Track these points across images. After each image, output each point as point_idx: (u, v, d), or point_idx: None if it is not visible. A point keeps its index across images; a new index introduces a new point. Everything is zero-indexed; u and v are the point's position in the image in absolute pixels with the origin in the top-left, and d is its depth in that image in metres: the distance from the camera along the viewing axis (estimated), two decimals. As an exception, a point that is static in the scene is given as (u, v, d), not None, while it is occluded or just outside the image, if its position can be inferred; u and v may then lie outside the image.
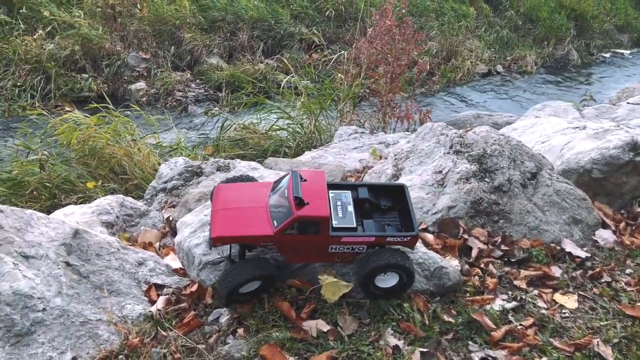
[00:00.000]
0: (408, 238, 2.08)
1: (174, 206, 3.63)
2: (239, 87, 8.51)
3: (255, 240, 2.06)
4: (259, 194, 2.17)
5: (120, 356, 1.89)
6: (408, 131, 6.04)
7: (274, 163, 4.33)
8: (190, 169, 3.94)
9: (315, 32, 10.28)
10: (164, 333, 1.99)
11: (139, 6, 9.50)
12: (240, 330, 2.00)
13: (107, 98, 6.27)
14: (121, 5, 9.37)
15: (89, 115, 5.43)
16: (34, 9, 8.89)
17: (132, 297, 2.16)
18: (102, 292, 2.10)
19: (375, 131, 6.05)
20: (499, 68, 11.48)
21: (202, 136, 6.56)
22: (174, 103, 8.71)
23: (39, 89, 8.22)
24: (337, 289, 2.12)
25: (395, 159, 3.39)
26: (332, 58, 9.05)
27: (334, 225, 2.05)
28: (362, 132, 5.60)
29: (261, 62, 9.66)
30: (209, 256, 2.21)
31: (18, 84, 8.22)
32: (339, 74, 7.24)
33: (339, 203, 2.15)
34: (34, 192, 4.82)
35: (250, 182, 2.41)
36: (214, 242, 2.03)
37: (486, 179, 2.88)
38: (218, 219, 2.07)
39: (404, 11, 6.73)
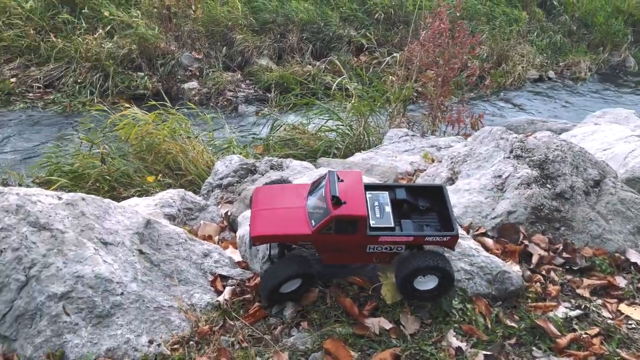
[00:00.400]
0: (448, 238, 2.05)
1: (230, 202, 3.72)
2: (287, 88, 8.62)
3: (293, 239, 2.09)
4: (297, 195, 2.20)
5: (191, 342, 1.97)
6: (459, 135, 5.98)
7: (326, 163, 4.38)
8: (245, 166, 4.04)
9: (367, 34, 10.30)
10: (231, 322, 2.06)
11: (193, 7, 9.77)
12: (304, 324, 2.05)
13: (164, 96, 6.48)
14: (176, 6, 9.66)
15: (146, 112, 5.63)
16: (95, 9, 9.28)
17: (200, 286, 2.24)
18: (171, 281, 2.19)
19: (425, 134, 6.02)
20: (551, 74, 11.17)
21: (252, 135, 6.69)
22: (225, 103, 8.90)
23: (98, 85, 8.57)
24: (398, 293, 2.14)
25: (451, 162, 3.37)
26: (382, 61, 9.03)
27: (371, 225, 2.04)
28: (413, 135, 5.57)
29: (310, 64, 9.75)
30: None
31: (78, 80, 8.59)
32: (390, 76, 7.23)
33: (376, 203, 2.15)
34: (95, 184, 5.04)
35: (288, 184, 2.44)
36: (254, 241, 2.07)
37: (547, 185, 2.83)
38: (257, 219, 2.11)
39: (457, 14, 6.66)
